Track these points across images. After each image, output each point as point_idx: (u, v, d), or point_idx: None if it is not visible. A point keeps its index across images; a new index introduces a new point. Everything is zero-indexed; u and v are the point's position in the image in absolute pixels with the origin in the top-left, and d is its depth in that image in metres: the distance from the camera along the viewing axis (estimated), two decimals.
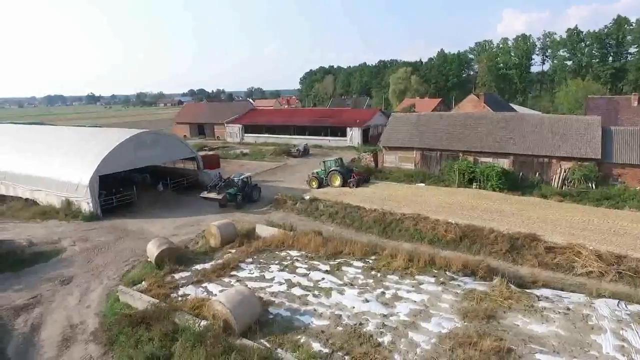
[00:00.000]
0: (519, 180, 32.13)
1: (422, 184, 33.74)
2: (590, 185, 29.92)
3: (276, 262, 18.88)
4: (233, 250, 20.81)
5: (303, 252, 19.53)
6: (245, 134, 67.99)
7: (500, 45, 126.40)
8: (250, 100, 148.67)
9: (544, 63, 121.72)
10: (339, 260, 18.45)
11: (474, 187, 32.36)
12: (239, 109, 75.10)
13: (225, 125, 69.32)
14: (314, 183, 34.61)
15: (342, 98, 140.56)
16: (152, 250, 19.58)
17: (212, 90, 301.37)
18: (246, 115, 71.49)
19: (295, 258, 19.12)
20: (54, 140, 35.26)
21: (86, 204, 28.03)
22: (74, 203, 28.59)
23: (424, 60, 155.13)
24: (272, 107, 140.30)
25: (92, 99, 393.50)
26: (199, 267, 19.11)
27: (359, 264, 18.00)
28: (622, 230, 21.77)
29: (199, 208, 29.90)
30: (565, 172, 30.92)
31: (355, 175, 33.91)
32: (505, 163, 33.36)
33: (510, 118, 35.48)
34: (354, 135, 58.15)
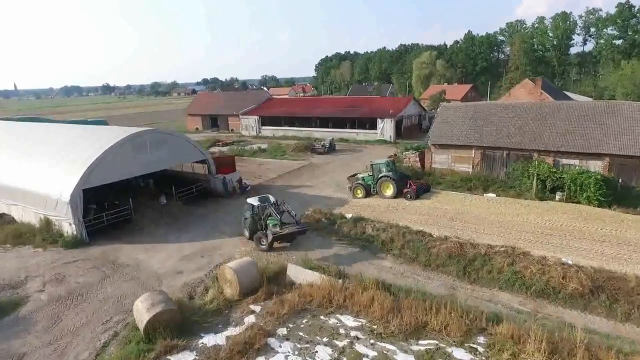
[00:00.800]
0: (617, 188, 24.92)
1: (493, 195, 26.78)
2: None
3: (325, 338, 12.44)
4: (257, 309, 14.45)
5: (363, 321, 13.02)
6: (262, 127, 61.51)
7: (536, 25, 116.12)
8: (265, 89, 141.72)
9: (585, 43, 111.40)
10: (426, 343, 11.87)
11: (557, 198, 25.29)
12: (255, 99, 68.50)
13: (241, 117, 62.87)
14: (359, 192, 27.87)
15: (363, 85, 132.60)
16: (141, 313, 13.35)
17: (226, 79, 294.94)
18: (263, 105, 64.90)
19: (352, 331, 12.64)
20: (40, 141, 29.32)
21: (68, 225, 22.04)
22: (54, 223, 22.65)
23: (449, 43, 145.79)
24: (286, 96, 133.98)
25: (108, 89, 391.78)
26: (207, 341, 12.83)
27: (463, 355, 11.35)
28: None
29: (214, 226, 23.75)
30: None
31: (413, 184, 27.06)
32: (598, 166, 26.11)
33: (598, 108, 28.01)
34: (386, 128, 51.09)
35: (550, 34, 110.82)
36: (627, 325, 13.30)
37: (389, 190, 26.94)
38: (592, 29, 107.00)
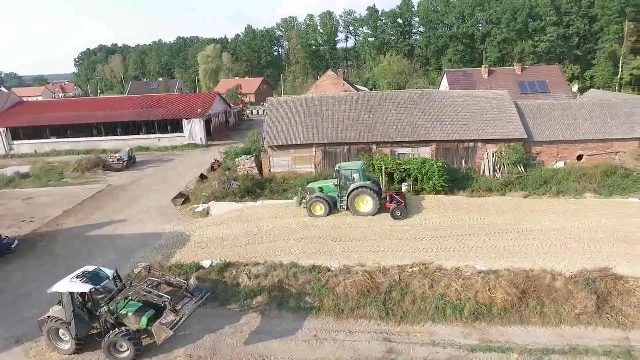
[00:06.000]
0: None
1: None
2: (520, 169, 26.61)
3: None
4: None
5: None
6: (15, 142, 44.63)
7: (308, 22, 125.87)
8: (4, 89, 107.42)
9: (347, 40, 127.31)
10: None
11: (404, 189, 25.14)
12: None
13: None
14: (318, 208, 21.04)
15: (144, 81, 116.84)
16: None
17: None
18: (11, 112, 47.09)
19: None
20: None
21: None
22: None
23: (230, 37, 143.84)
24: (40, 98, 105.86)
25: None
26: None
27: None
28: None
29: None
30: (494, 157, 26.86)
31: (397, 196, 21.36)
32: (427, 153, 27.31)
33: (417, 97, 29.53)
34: (195, 130, 44.05)
35: (322, 31, 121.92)
36: (563, 328, 12.58)
37: (368, 206, 20.77)
38: (352, 28, 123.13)
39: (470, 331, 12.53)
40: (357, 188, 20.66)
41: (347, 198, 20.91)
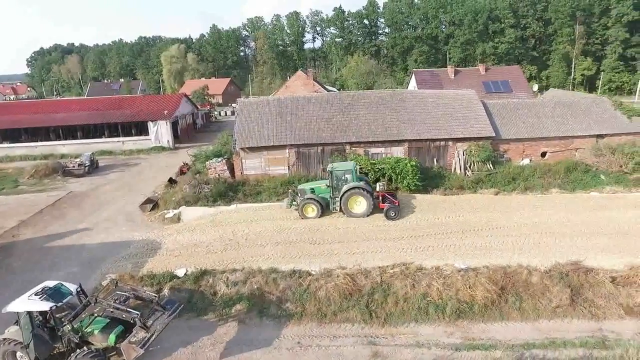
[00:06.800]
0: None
1: None
2: (488, 166, 27.30)
3: None
4: None
5: None
6: None
7: (275, 22, 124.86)
8: None
9: (314, 40, 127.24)
10: None
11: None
12: None
13: None
14: (310, 210, 20.53)
15: (105, 82, 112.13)
16: None
17: None
18: None
19: None
20: None
21: None
22: None
23: (194, 36, 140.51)
24: None
25: None
26: None
27: None
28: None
29: None
30: (464, 155, 27.41)
31: (390, 196, 21.12)
32: (399, 152, 27.51)
33: (389, 97, 29.71)
34: (162, 132, 42.49)
35: (288, 31, 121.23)
36: (540, 322, 12.87)
37: (361, 207, 20.41)
38: (319, 28, 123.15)
39: (453, 330, 12.59)
40: (350, 189, 20.39)
41: (340, 199, 20.60)
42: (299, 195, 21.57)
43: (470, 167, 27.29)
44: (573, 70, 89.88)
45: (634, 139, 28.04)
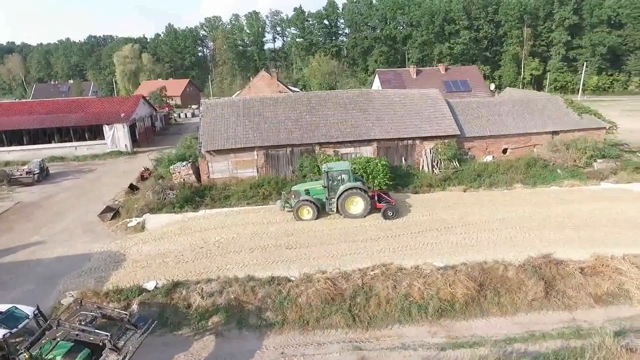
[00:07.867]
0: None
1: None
2: (455, 164, 27.93)
3: None
4: None
5: None
6: None
7: (233, 22, 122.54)
8: None
9: (274, 40, 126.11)
10: None
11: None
12: None
13: None
14: (306, 212, 19.84)
15: (52, 84, 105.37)
16: None
17: None
18: None
19: None
20: None
21: None
22: None
23: (149, 36, 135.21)
24: None
25: None
26: None
27: None
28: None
29: None
30: (432, 153, 27.87)
31: (386, 195, 20.87)
32: (368, 151, 27.56)
33: (357, 97, 29.69)
34: (118, 136, 40.30)
35: (248, 31, 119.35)
36: (519, 315, 13.13)
37: (358, 207, 19.84)
38: (279, 29, 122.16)
39: (436, 329, 12.59)
40: (347, 189, 20.01)
41: (337, 200, 20.19)
42: (294, 197, 20.98)
43: (437, 165, 27.79)
44: (522, 70, 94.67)
45: (585, 134, 29.66)
